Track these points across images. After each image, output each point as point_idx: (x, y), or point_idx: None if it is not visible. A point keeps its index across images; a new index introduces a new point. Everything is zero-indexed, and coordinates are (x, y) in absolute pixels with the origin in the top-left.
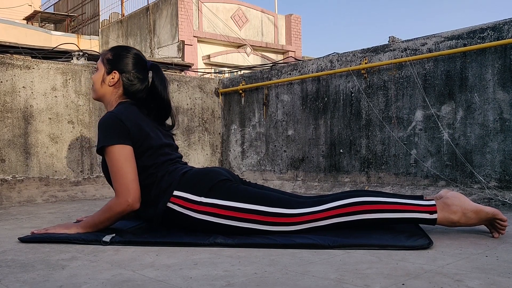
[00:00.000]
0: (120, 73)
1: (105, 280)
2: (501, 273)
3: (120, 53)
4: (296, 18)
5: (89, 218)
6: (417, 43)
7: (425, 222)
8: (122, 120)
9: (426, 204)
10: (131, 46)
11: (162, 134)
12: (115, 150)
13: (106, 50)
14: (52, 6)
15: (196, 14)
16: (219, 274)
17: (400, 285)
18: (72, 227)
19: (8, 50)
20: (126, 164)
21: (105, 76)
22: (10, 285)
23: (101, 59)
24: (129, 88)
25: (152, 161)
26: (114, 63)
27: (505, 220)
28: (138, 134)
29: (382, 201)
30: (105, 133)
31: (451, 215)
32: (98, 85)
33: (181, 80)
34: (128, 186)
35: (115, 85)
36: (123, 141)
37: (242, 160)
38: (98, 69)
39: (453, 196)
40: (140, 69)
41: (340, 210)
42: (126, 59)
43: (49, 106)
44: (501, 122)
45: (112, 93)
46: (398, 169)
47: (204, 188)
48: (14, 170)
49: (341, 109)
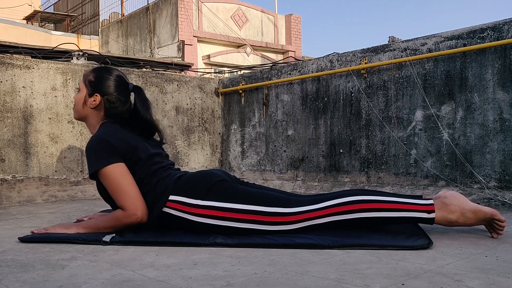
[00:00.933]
0: (102, 95)
1: (105, 280)
2: (501, 273)
3: (102, 75)
4: (296, 18)
5: (92, 221)
6: (417, 43)
7: (423, 221)
8: (107, 140)
9: (424, 204)
10: (113, 67)
11: (149, 145)
12: (109, 171)
13: (89, 71)
14: (52, 6)
15: (196, 14)
16: (219, 274)
17: (400, 285)
18: (72, 227)
19: (8, 50)
20: (124, 181)
21: (87, 98)
22: (10, 285)
23: (83, 80)
24: (111, 110)
25: (145, 173)
26: (96, 85)
27: (503, 221)
28: (126, 149)
29: (380, 199)
30: (95, 157)
31: (449, 214)
32: (79, 106)
33: (181, 80)
34: (135, 201)
35: (97, 107)
36: (114, 160)
37: (242, 160)
38: (80, 90)
39: (452, 195)
40: (122, 91)
41: (338, 209)
42: (108, 82)
43: (49, 106)
44: (501, 122)
45: (94, 114)
46: (398, 169)
47: (201, 190)
48: (14, 170)
49: (341, 109)
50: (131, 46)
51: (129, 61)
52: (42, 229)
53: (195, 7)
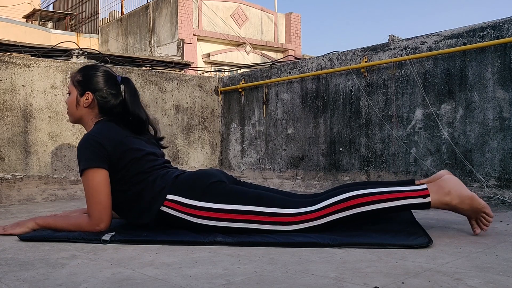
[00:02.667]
0: (93, 92)
1: (105, 279)
2: (500, 272)
3: (89, 73)
4: (295, 17)
5: (50, 220)
6: (417, 42)
7: (419, 207)
8: (98, 141)
9: (418, 189)
10: (98, 64)
11: (145, 143)
12: (90, 174)
13: (75, 72)
14: (51, 4)
15: (196, 12)
16: (219, 273)
17: (400, 283)
18: (29, 222)
19: (8, 49)
20: (100, 189)
21: (78, 98)
22: (10, 283)
23: (72, 81)
24: (104, 105)
25: (139, 170)
26: (85, 83)
27: (491, 216)
28: (117, 148)
29: (375, 192)
30: (83, 156)
31: (445, 197)
32: (73, 109)
33: (181, 78)
34: (101, 213)
35: (90, 105)
36: (99, 164)
37: (241, 159)
38: (70, 92)
39: (450, 179)
40: (112, 85)
41: (334, 207)
42: (96, 78)
43: (49, 105)
44: (501, 121)
45: (88, 113)
46: (398, 167)
47: (197, 191)
48: (13, 168)
49: (340, 107)
50: (131, 44)
51: (128, 59)
52: (0, 229)
53: (194, 5)
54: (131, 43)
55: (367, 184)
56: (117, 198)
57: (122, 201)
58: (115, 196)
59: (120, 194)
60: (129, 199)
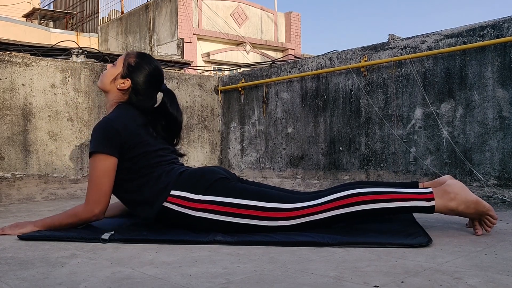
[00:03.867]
0: (132, 82)
1: (105, 278)
2: (500, 271)
3: (141, 64)
4: (295, 16)
5: (48, 219)
6: (417, 41)
7: (422, 210)
8: (115, 127)
9: (423, 192)
10: (155, 60)
11: (158, 138)
12: (98, 158)
13: (133, 54)
14: (51, 3)
15: (196, 11)
16: (219, 272)
17: (399, 282)
18: (28, 225)
19: (7, 48)
20: (105, 176)
21: (118, 77)
22: (9, 282)
23: (124, 58)
24: (134, 99)
25: (146, 162)
26: (132, 70)
27: (495, 218)
28: (132, 141)
29: (379, 191)
30: (97, 139)
31: (450, 202)
32: (107, 80)
33: (181, 77)
34: (101, 198)
35: (123, 90)
36: (110, 151)
37: (241, 158)
38: (117, 65)
39: (454, 184)
40: (152, 88)
41: (337, 203)
42: (143, 72)
43: (49, 104)
44: (501, 120)
45: (117, 94)
46: (398, 167)
47: (201, 187)
48: (13, 167)
49: (340, 107)
50: (131, 43)
51: None
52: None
53: (194, 4)
54: (131, 42)
55: (371, 183)
56: (120, 186)
57: (124, 190)
58: (117, 184)
59: (122, 182)
60: (131, 190)
